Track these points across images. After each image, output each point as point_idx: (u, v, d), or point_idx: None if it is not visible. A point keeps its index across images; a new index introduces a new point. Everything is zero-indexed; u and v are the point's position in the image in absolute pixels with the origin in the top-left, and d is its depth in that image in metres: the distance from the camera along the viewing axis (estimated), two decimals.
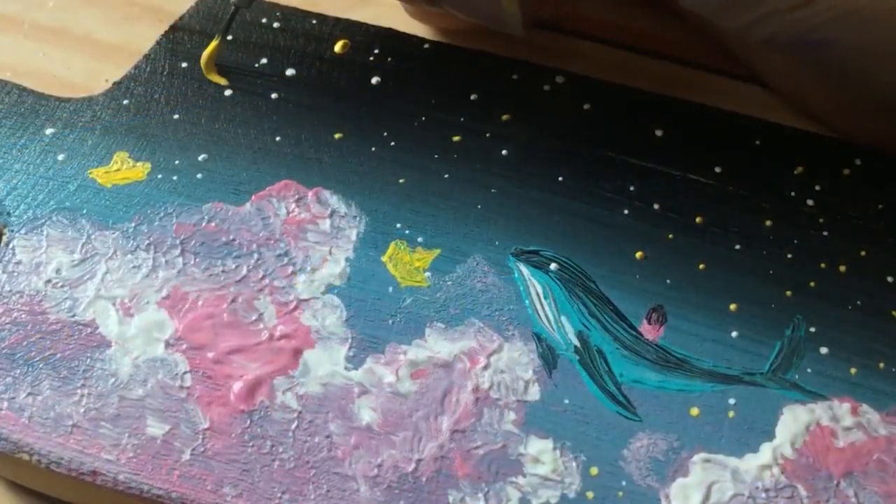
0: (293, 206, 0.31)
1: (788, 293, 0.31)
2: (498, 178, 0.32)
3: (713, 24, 0.33)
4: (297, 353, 0.29)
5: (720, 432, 0.28)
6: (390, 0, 0.36)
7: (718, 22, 0.32)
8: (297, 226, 0.31)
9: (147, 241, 0.31)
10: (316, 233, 0.31)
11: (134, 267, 0.30)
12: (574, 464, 0.28)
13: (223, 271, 0.30)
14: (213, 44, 0.34)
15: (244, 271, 0.30)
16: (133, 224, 0.31)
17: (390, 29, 0.35)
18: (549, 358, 0.29)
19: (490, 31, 0.33)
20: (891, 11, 0.29)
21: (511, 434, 0.28)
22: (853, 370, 0.29)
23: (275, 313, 0.30)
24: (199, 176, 0.32)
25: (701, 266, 0.31)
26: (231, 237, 0.31)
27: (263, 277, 0.30)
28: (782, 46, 0.32)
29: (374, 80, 0.34)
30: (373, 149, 0.33)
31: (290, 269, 0.30)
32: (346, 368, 0.29)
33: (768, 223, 0.32)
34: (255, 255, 0.30)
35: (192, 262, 0.30)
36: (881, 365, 0.29)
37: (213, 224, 0.31)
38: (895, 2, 0.29)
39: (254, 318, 0.29)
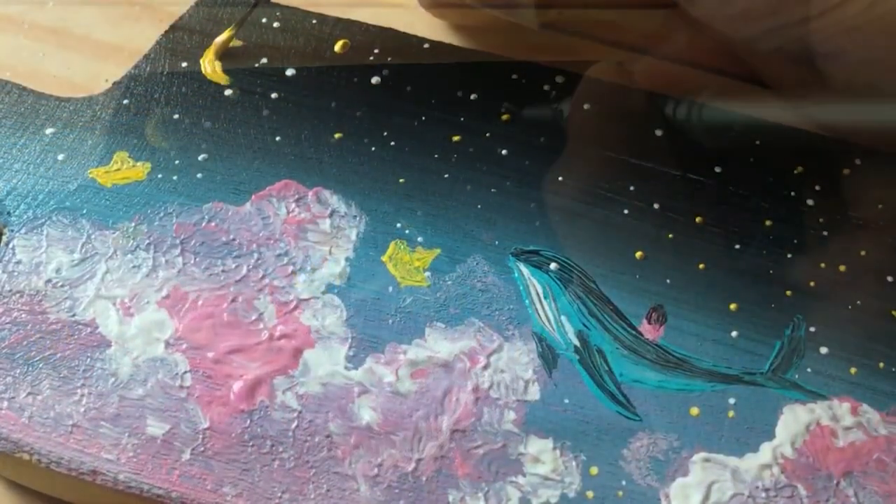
0: (293, 205, 0.31)
1: (788, 293, 0.31)
2: (498, 178, 0.32)
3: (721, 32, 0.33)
4: (297, 352, 0.29)
5: (720, 432, 0.28)
6: (390, 0, 0.36)
7: (728, 32, 0.32)
8: (297, 225, 0.31)
9: (147, 241, 0.31)
10: (316, 232, 0.31)
11: (134, 267, 0.30)
12: (574, 463, 0.28)
13: (223, 271, 0.30)
14: (227, 33, 0.34)
15: (244, 271, 0.30)
16: (133, 224, 0.31)
17: (390, 29, 0.35)
18: (549, 358, 0.29)
19: (490, 31, 0.33)
20: None
21: (511, 434, 0.28)
22: (853, 370, 0.29)
23: (275, 313, 0.30)
24: (199, 176, 0.32)
25: (701, 266, 0.31)
26: (231, 237, 0.31)
27: (263, 277, 0.30)
28: (790, 57, 0.32)
29: (374, 80, 0.34)
30: (373, 149, 0.33)
31: (290, 268, 0.30)
32: (346, 368, 0.29)
33: (768, 223, 0.32)
34: (255, 255, 0.30)
35: (192, 262, 0.30)
36: (881, 365, 0.29)
37: (213, 224, 0.31)
38: None
39: (254, 317, 0.29)
